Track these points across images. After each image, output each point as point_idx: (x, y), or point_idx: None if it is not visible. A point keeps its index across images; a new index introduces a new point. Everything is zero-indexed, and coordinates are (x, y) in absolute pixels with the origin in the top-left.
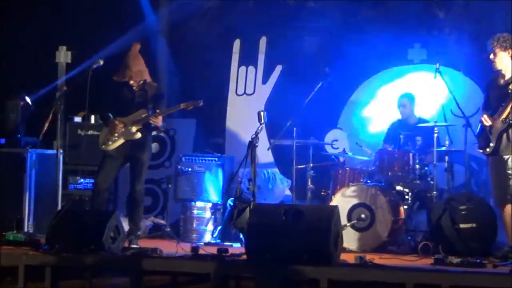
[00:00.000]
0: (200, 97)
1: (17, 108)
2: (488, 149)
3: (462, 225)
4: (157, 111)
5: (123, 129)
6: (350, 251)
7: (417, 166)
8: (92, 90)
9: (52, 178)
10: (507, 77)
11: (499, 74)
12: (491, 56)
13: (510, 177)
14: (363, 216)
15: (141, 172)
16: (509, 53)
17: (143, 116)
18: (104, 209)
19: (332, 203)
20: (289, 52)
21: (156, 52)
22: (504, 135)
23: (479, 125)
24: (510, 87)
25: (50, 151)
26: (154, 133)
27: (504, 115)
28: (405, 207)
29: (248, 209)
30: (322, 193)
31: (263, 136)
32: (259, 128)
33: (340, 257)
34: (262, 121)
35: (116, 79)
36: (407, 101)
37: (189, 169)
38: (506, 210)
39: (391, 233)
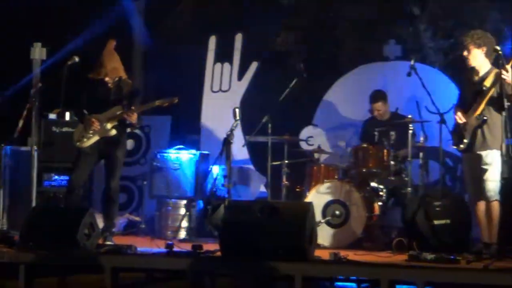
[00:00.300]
0: (176, 94)
1: None
2: (462, 146)
3: (436, 222)
4: (132, 108)
5: (98, 126)
6: (325, 248)
7: (392, 163)
8: (67, 87)
9: (27, 175)
10: (481, 73)
11: (473, 70)
12: (465, 53)
13: (485, 172)
14: (337, 212)
15: (116, 169)
16: (483, 50)
17: (118, 113)
18: (78, 206)
19: (307, 200)
20: (264, 49)
21: (132, 47)
22: (479, 132)
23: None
24: (484, 83)
25: (24, 148)
26: (128, 130)
27: (478, 112)
28: (380, 203)
29: (223, 205)
30: (297, 189)
31: (238, 133)
32: (234, 125)
33: (315, 254)
34: (237, 117)
35: (92, 76)
36: (381, 105)
37: (164, 166)
38: (479, 207)
39: (365, 229)
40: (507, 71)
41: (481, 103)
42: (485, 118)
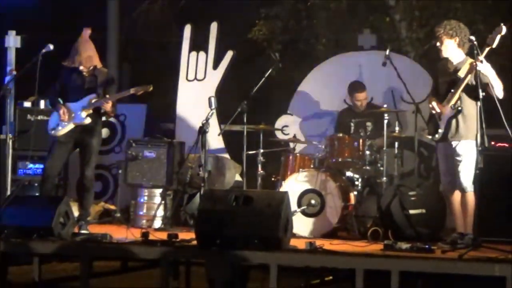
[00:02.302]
0: (151, 82)
1: None
2: (437, 135)
3: (411, 211)
4: (107, 96)
5: (66, 118)
6: (300, 237)
7: (367, 152)
8: (42, 75)
9: (1, 163)
10: (455, 63)
11: (447, 60)
12: (438, 44)
13: (458, 163)
14: (313, 201)
15: (90, 158)
16: (455, 40)
17: (93, 101)
18: (53, 194)
19: (282, 189)
20: (240, 38)
21: (107, 35)
22: (453, 121)
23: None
24: (458, 73)
25: None
26: (103, 118)
27: (453, 102)
28: (355, 193)
29: (198, 194)
30: (273, 179)
31: (214, 122)
32: (210, 114)
33: (290, 243)
34: (213, 106)
35: (66, 64)
36: (364, 95)
37: (140, 155)
38: (454, 197)
39: (341, 219)
40: (481, 61)
41: (455, 93)
42: (460, 108)
